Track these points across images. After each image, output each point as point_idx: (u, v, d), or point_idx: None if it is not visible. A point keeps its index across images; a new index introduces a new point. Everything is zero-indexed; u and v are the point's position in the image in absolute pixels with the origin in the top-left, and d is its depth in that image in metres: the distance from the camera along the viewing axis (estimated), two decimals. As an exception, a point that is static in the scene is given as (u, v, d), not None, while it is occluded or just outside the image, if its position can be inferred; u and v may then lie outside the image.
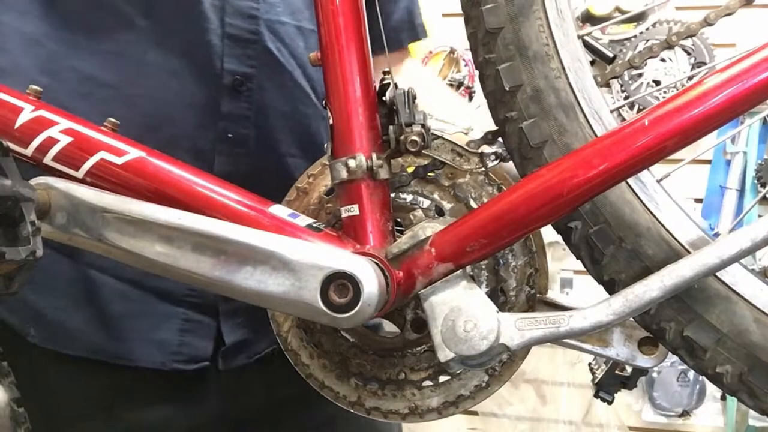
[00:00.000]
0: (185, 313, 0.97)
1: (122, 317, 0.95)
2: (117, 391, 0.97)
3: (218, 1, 0.90)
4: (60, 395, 0.96)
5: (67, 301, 0.94)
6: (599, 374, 0.81)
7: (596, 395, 0.82)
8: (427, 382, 0.78)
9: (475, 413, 2.45)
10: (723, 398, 2.32)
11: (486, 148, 0.75)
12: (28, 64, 0.80)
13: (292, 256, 0.65)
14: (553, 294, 0.77)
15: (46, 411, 0.93)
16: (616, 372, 0.80)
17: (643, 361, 0.72)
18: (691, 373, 2.30)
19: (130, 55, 0.88)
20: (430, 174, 0.76)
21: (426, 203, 0.77)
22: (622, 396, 2.37)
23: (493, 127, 0.72)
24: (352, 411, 0.79)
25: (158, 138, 0.82)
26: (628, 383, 0.80)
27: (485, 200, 0.76)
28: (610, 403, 0.82)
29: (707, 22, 0.71)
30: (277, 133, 0.97)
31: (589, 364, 0.84)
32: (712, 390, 2.32)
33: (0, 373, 0.85)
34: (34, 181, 0.70)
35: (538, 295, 0.76)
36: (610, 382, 0.80)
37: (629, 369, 0.80)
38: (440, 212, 0.76)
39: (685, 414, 2.34)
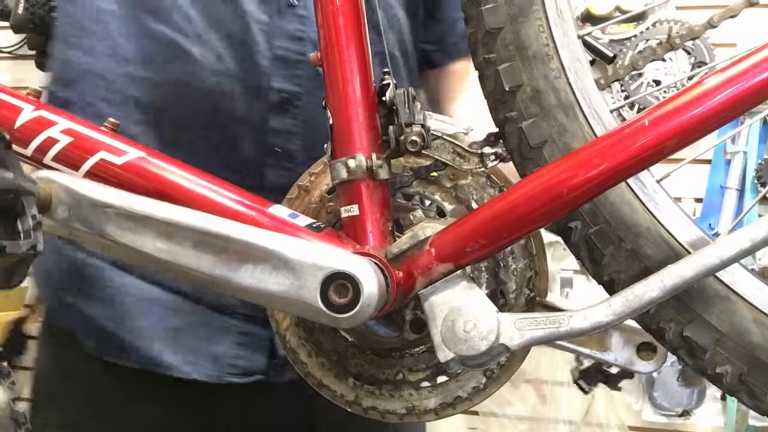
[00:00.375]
0: (239, 326, 0.98)
1: (176, 330, 0.96)
2: (148, 397, 0.99)
3: (266, 25, 0.93)
4: (101, 400, 0.99)
5: (122, 313, 0.96)
6: (586, 363, 0.80)
7: (575, 381, 0.82)
8: (425, 383, 0.78)
9: (476, 413, 2.45)
10: (723, 398, 2.32)
11: (486, 149, 0.75)
12: (92, 96, 0.83)
13: (293, 256, 0.65)
14: (553, 297, 0.77)
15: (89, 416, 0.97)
16: (603, 367, 0.80)
17: (640, 366, 0.72)
18: (691, 373, 2.30)
19: (184, 82, 0.91)
20: (432, 174, 0.76)
21: (426, 203, 0.77)
22: (622, 396, 2.38)
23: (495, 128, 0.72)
24: (349, 410, 0.79)
25: (211, 154, 0.85)
26: (609, 382, 0.80)
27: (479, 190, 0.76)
28: (585, 393, 0.82)
29: (711, 24, 0.71)
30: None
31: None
32: (712, 390, 2.32)
33: (0, 374, 0.85)
34: (35, 175, 0.69)
35: (537, 299, 0.76)
36: (594, 375, 0.80)
37: (615, 369, 0.79)
38: (441, 213, 0.76)
39: (685, 414, 2.34)
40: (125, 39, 0.93)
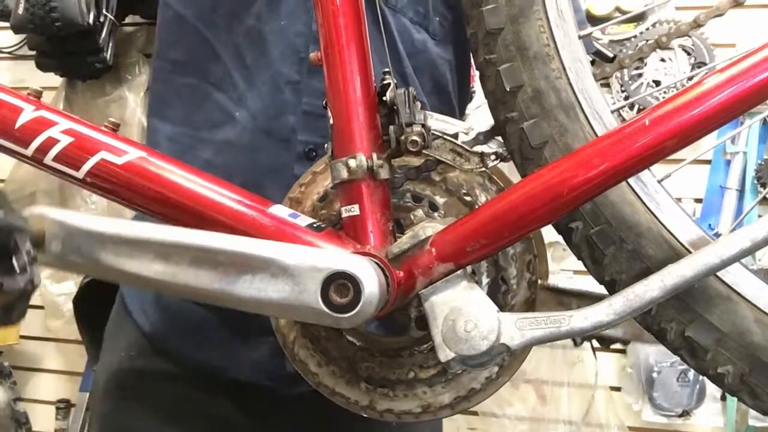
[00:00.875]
0: (270, 340, 1.01)
1: (224, 343, 1.04)
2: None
3: (297, 84, 0.98)
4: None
5: (180, 332, 1.04)
6: None
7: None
8: (438, 379, 0.78)
9: (475, 413, 2.45)
10: (723, 398, 2.32)
11: (485, 148, 0.75)
12: (168, 154, 0.89)
13: (290, 261, 0.65)
14: (555, 279, 0.77)
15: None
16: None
17: (648, 338, 0.71)
18: (691, 373, 2.29)
19: (229, 141, 1.00)
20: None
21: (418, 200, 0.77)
22: (622, 396, 2.37)
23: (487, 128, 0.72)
24: (365, 415, 0.79)
25: None
26: (602, 342, 0.79)
27: (477, 191, 0.76)
28: (575, 345, 0.81)
29: (697, 24, 0.71)
30: None
31: None
32: (712, 390, 2.32)
33: (1, 374, 0.85)
34: (27, 212, 0.70)
35: (539, 282, 0.75)
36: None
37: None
38: (433, 207, 0.76)
39: (685, 414, 2.33)
40: (196, 107, 1.03)
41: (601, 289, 0.70)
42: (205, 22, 1.01)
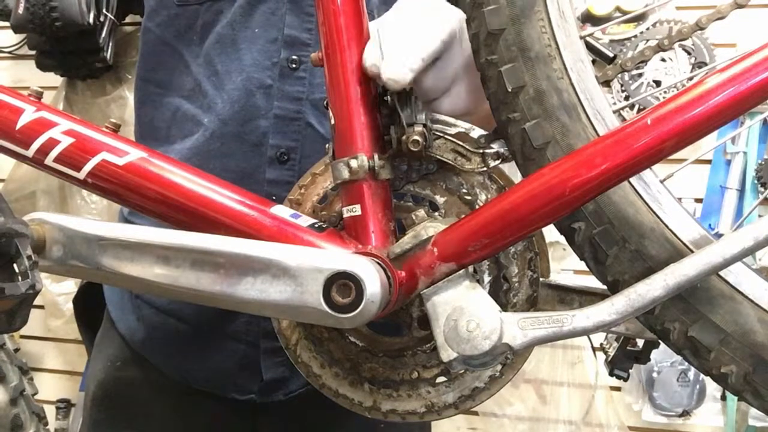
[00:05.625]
0: (244, 349, 1.04)
1: (196, 353, 1.06)
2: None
3: (269, 88, 0.98)
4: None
5: (157, 342, 1.07)
6: (611, 352, 0.80)
7: (611, 374, 0.81)
8: (441, 378, 0.78)
9: (475, 413, 2.45)
10: (723, 398, 2.32)
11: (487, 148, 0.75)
12: None
13: (291, 262, 0.65)
14: (556, 276, 0.76)
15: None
16: (628, 348, 0.79)
17: (649, 334, 0.71)
18: (691, 373, 2.30)
19: (202, 148, 1.00)
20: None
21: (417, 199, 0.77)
22: (622, 396, 2.38)
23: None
24: (368, 416, 0.79)
25: None
26: (641, 358, 0.79)
27: (477, 190, 0.76)
28: (625, 379, 0.82)
29: (699, 26, 0.71)
30: None
31: (601, 343, 0.83)
32: (712, 390, 2.32)
33: (0, 376, 0.85)
34: (27, 217, 0.70)
35: (541, 279, 0.75)
36: (623, 359, 0.80)
37: (640, 343, 0.79)
38: (433, 207, 0.76)
39: (685, 414, 2.34)
40: (173, 122, 1.04)
41: (603, 286, 0.70)
42: (181, 40, 1.02)
